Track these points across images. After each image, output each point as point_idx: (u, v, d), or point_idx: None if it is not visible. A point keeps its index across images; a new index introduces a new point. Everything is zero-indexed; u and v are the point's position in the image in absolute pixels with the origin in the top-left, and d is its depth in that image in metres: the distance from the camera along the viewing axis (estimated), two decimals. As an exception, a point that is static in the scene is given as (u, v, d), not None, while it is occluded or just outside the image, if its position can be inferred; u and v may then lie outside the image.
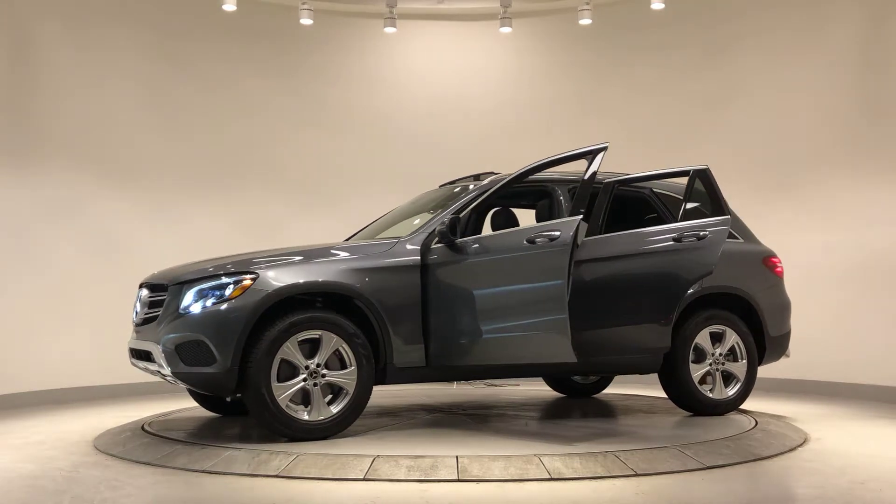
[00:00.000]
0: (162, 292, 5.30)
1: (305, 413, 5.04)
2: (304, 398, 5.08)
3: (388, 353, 5.28)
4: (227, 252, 6.02)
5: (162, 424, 5.84)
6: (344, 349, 5.14)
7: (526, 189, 6.06)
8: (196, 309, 5.04)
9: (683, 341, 6.02)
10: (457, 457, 4.53)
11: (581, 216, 5.07)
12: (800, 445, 5.29)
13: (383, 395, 7.47)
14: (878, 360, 7.69)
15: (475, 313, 5.23)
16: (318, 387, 5.07)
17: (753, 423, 5.75)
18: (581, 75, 9.56)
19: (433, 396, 7.40)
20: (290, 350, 5.02)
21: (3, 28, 7.87)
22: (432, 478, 4.33)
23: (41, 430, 6.18)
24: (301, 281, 5.12)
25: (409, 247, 5.44)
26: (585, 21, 9.08)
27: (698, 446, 4.90)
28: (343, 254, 5.39)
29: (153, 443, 5.19)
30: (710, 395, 6.13)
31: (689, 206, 5.90)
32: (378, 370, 5.31)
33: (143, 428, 5.69)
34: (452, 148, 9.35)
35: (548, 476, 4.35)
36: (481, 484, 4.28)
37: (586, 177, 5.19)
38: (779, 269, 6.61)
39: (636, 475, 4.41)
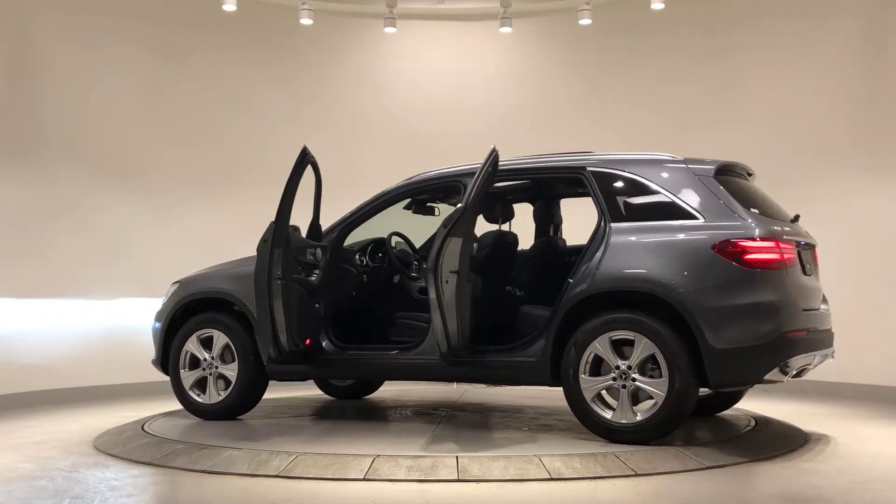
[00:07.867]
0: None
1: (201, 398, 5.91)
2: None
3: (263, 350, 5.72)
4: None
5: (162, 424, 5.84)
6: (231, 345, 5.83)
7: (438, 186, 6.25)
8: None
9: (572, 350, 4.95)
10: (457, 457, 4.53)
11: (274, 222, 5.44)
12: (800, 445, 5.29)
13: (383, 394, 7.47)
14: (878, 361, 7.68)
15: None
16: (212, 376, 5.90)
17: (753, 423, 5.74)
18: (581, 75, 9.54)
19: (433, 396, 7.40)
20: (192, 345, 5.95)
21: (4, 26, 7.86)
22: (432, 478, 4.34)
23: (41, 430, 6.18)
24: (197, 289, 6.01)
25: None
26: (585, 21, 9.07)
27: (698, 446, 4.90)
28: (244, 262, 5.87)
29: (153, 443, 5.19)
30: (607, 416, 4.88)
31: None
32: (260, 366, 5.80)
33: (143, 428, 5.70)
34: (452, 147, 9.33)
35: (548, 476, 4.35)
36: (481, 484, 4.28)
37: (288, 182, 5.71)
38: (751, 258, 4.76)
39: (636, 475, 4.41)
